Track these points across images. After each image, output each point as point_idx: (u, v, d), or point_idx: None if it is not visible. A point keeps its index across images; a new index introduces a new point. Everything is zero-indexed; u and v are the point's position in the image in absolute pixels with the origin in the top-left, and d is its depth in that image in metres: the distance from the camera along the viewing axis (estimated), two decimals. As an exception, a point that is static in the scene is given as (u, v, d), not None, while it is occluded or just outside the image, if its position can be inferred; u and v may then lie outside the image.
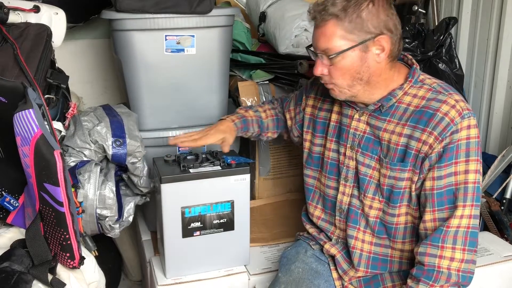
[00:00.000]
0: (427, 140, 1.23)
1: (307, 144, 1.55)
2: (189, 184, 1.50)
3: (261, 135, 1.69)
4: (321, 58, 1.28)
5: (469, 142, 1.22)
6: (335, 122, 1.45)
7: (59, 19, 1.59)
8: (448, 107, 1.23)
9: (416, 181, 1.27)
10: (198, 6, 1.67)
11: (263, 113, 1.69)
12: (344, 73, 1.27)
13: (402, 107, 1.30)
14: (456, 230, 1.22)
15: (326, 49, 1.25)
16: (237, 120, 1.59)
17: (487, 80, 2.33)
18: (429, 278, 1.23)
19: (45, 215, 1.21)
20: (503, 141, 2.30)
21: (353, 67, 1.26)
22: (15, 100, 1.22)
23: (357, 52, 1.25)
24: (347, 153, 1.39)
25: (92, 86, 2.40)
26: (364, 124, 1.36)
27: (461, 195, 1.22)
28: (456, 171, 1.22)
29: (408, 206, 1.32)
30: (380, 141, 1.33)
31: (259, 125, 1.66)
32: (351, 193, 1.40)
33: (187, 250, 1.56)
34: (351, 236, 1.41)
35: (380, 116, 1.33)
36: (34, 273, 1.17)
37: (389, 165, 1.30)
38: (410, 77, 1.31)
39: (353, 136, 1.38)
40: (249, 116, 1.64)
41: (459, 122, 1.21)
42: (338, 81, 1.29)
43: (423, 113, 1.25)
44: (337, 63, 1.26)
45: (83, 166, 1.50)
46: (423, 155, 1.24)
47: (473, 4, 2.40)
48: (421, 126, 1.25)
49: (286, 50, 2.02)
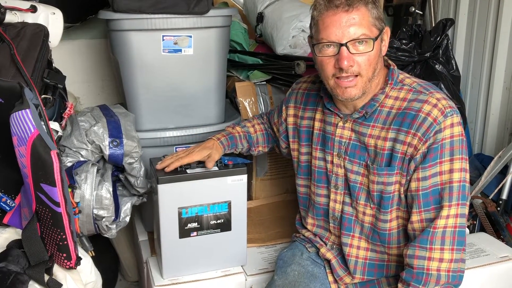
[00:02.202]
0: (411, 141, 1.22)
1: (295, 154, 1.54)
2: (186, 185, 1.50)
3: (251, 150, 1.69)
4: (348, 49, 1.20)
5: (453, 140, 1.21)
6: (318, 130, 1.44)
7: (56, 19, 1.59)
8: (430, 106, 1.22)
9: (404, 183, 1.27)
10: (196, 7, 1.67)
11: (251, 128, 1.68)
12: (371, 63, 1.23)
13: (385, 111, 1.29)
14: (443, 231, 1.21)
15: (361, 35, 1.19)
16: (223, 138, 1.58)
17: (484, 81, 2.34)
18: (419, 282, 1.22)
19: (42, 216, 1.21)
20: (500, 142, 2.30)
21: (376, 57, 1.24)
22: (11, 100, 1.22)
23: (378, 41, 1.24)
24: (335, 161, 1.38)
25: (89, 86, 2.40)
26: (349, 131, 1.35)
27: (447, 195, 1.21)
28: (441, 171, 1.22)
29: (399, 209, 1.31)
30: (366, 147, 1.32)
31: (248, 140, 1.66)
32: (343, 200, 1.39)
33: (184, 251, 1.56)
34: (345, 244, 1.40)
35: (364, 122, 1.32)
36: (31, 274, 1.17)
37: (376, 171, 1.29)
38: (390, 79, 1.30)
39: (339, 144, 1.37)
40: (236, 132, 1.64)
41: (442, 121, 1.20)
42: (364, 72, 1.23)
43: (406, 115, 1.24)
44: (367, 51, 1.21)
45: (80, 167, 1.50)
46: (409, 157, 1.24)
47: (470, 5, 2.41)
48: (404, 128, 1.24)
49: (283, 50, 2.02)
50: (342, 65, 1.20)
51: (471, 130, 2.45)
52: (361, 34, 1.19)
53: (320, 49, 1.25)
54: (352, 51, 1.20)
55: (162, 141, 1.81)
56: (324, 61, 1.25)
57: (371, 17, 1.21)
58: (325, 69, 1.25)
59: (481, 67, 2.35)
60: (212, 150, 1.53)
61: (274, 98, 2.07)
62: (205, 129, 1.84)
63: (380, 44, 1.26)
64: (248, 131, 1.67)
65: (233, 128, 1.67)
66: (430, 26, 2.50)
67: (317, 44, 1.24)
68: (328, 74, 1.26)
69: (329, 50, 1.23)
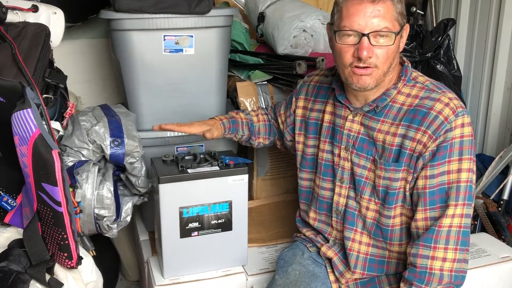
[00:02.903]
0: (421, 139, 1.22)
1: (300, 147, 1.53)
2: (187, 184, 1.50)
3: (252, 139, 1.68)
4: (369, 39, 1.19)
5: (462, 140, 1.21)
6: (328, 122, 1.43)
7: (57, 18, 1.59)
8: (442, 105, 1.22)
9: (410, 180, 1.27)
10: (197, 6, 1.67)
11: (255, 117, 1.68)
12: (389, 57, 1.23)
13: (396, 107, 1.29)
14: (448, 230, 1.21)
15: (384, 28, 1.19)
16: (225, 120, 1.59)
17: (485, 82, 2.34)
18: (421, 281, 1.22)
19: (43, 215, 1.21)
20: (501, 142, 2.30)
21: (394, 52, 1.24)
22: (13, 99, 1.22)
23: (398, 36, 1.24)
24: (342, 154, 1.38)
25: (90, 86, 2.40)
26: (358, 124, 1.35)
27: (453, 194, 1.21)
28: (449, 170, 1.22)
29: (403, 207, 1.31)
30: (374, 141, 1.32)
31: (249, 128, 1.65)
32: (347, 194, 1.39)
33: (185, 250, 1.56)
34: (348, 238, 1.40)
35: (374, 116, 1.32)
36: (32, 273, 1.17)
37: (383, 166, 1.29)
38: (403, 76, 1.30)
39: (347, 137, 1.37)
40: (239, 118, 1.64)
41: (453, 120, 1.21)
42: (381, 65, 1.22)
43: (417, 112, 1.25)
44: (387, 44, 1.21)
45: (81, 166, 1.50)
46: (418, 154, 1.24)
47: (471, 5, 2.40)
48: (415, 125, 1.24)
49: (284, 50, 2.02)
50: (362, 55, 1.20)
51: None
52: (383, 27, 1.19)
53: (341, 37, 1.24)
54: (373, 43, 1.20)
55: (163, 140, 1.82)
56: (343, 49, 1.24)
57: (395, 11, 1.21)
58: (343, 57, 1.25)
59: (483, 67, 2.35)
60: (212, 127, 1.55)
61: (275, 98, 2.07)
62: (206, 129, 1.84)
63: (399, 40, 1.26)
64: (252, 119, 1.67)
65: (237, 113, 1.66)
66: (431, 26, 2.50)
67: (339, 31, 1.24)
68: (345, 62, 1.25)
69: (350, 39, 1.22)
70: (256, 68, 2.10)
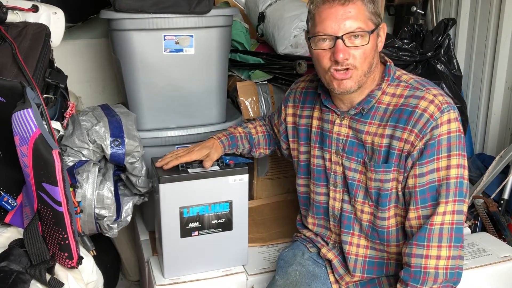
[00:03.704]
0: (408, 138, 1.22)
1: (295, 153, 1.54)
2: (188, 184, 1.50)
3: (253, 151, 1.68)
4: (343, 42, 1.20)
5: (450, 137, 1.20)
6: (316, 128, 1.43)
7: (57, 18, 1.59)
8: (427, 102, 1.22)
9: (402, 180, 1.27)
10: (197, 6, 1.67)
11: (253, 129, 1.68)
12: (367, 57, 1.23)
13: (382, 108, 1.29)
14: (440, 228, 1.21)
15: (357, 29, 1.19)
16: (224, 138, 1.58)
17: (486, 81, 2.34)
18: (417, 281, 1.22)
19: (43, 215, 1.21)
20: (501, 142, 2.30)
21: (372, 52, 1.24)
22: (13, 99, 1.22)
23: (374, 36, 1.24)
24: (333, 159, 1.38)
25: (90, 86, 2.40)
26: (346, 128, 1.35)
27: (444, 191, 1.21)
28: (438, 167, 1.21)
29: (397, 207, 1.31)
30: (363, 144, 1.31)
31: (249, 140, 1.66)
32: (342, 198, 1.39)
33: (185, 250, 1.56)
34: (345, 242, 1.40)
35: (361, 119, 1.32)
36: (32, 273, 1.17)
37: (374, 168, 1.29)
38: (386, 76, 1.30)
39: (337, 141, 1.37)
40: (238, 132, 1.64)
41: (439, 117, 1.20)
42: (360, 65, 1.23)
43: (402, 111, 1.24)
44: (362, 44, 1.21)
45: (81, 166, 1.50)
46: (406, 154, 1.23)
47: (471, 5, 2.41)
48: (401, 125, 1.24)
49: (284, 50, 2.02)
50: (338, 58, 1.21)
51: (472, 130, 2.45)
52: (356, 27, 1.20)
53: (316, 43, 1.25)
54: (348, 44, 1.21)
55: (163, 140, 1.81)
56: (320, 54, 1.25)
57: (367, 11, 1.21)
58: (321, 62, 1.26)
59: (483, 67, 2.35)
60: (211, 149, 1.53)
61: (275, 98, 2.08)
62: (206, 129, 1.84)
63: (376, 39, 1.26)
64: (250, 132, 1.67)
65: (235, 128, 1.67)
66: (431, 26, 2.50)
67: (313, 38, 1.25)
68: (324, 67, 1.26)
69: (325, 43, 1.23)
70: (256, 68, 2.10)
